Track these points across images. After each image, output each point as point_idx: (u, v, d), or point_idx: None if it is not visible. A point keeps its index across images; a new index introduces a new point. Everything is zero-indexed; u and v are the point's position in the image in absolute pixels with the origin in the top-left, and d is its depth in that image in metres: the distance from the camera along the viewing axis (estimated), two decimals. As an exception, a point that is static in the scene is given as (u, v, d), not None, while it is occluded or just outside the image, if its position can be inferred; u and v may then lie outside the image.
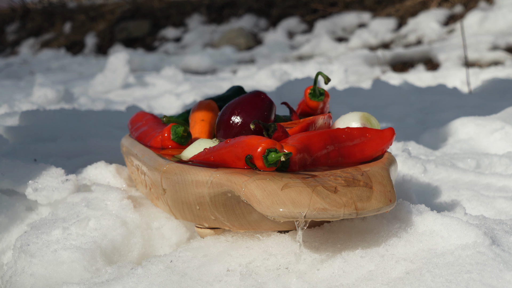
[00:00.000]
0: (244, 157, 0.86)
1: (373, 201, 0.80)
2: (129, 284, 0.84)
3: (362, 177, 0.84)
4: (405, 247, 0.80)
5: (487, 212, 1.17)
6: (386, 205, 0.80)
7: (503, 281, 0.73)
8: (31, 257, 0.94)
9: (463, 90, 2.74)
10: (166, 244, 1.01)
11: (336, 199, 0.79)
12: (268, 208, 0.78)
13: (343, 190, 0.80)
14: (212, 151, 0.91)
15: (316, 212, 0.77)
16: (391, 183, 0.85)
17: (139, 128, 1.18)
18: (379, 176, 0.85)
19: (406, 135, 1.73)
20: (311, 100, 1.11)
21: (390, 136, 0.95)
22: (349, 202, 0.79)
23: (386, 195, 0.82)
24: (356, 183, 0.82)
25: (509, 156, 1.41)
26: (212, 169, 0.87)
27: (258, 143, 0.84)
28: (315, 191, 0.79)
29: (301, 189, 0.79)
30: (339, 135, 0.93)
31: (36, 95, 2.84)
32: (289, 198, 0.78)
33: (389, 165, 0.90)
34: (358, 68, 3.62)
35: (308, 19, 5.48)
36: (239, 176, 0.83)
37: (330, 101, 1.16)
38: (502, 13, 4.20)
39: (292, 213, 0.77)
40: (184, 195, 0.92)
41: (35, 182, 1.12)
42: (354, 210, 0.78)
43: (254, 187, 0.80)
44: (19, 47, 6.74)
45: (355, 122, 1.01)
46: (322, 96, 1.11)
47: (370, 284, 0.76)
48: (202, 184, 0.87)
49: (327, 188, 0.80)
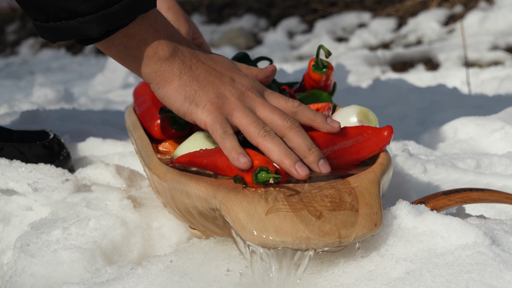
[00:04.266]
0: (236, 170, 0.85)
1: (357, 227, 0.78)
2: (129, 284, 0.84)
3: (349, 198, 0.82)
4: (405, 247, 0.80)
5: (487, 212, 1.17)
6: (370, 230, 0.79)
7: (503, 281, 0.73)
8: (31, 257, 0.94)
9: (463, 90, 2.74)
10: (166, 244, 1.01)
11: (320, 226, 0.77)
12: (251, 235, 0.77)
13: (327, 216, 0.79)
14: (207, 154, 0.91)
15: (299, 241, 0.76)
16: (379, 202, 0.83)
17: (142, 104, 1.16)
18: (367, 194, 0.83)
19: (406, 135, 1.73)
20: (314, 72, 1.11)
21: (388, 135, 0.94)
22: (333, 229, 0.77)
23: (372, 218, 0.80)
24: (342, 206, 0.80)
25: (509, 156, 1.41)
26: (202, 182, 0.85)
27: (252, 159, 0.84)
28: (299, 217, 0.78)
29: (285, 214, 0.78)
30: (335, 138, 0.92)
31: (36, 95, 2.84)
32: (272, 225, 0.77)
33: (382, 173, 0.89)
34: (358, 68, 3.62)
35: (308, 19, 5.48)
36: (226, 193, 0.82)
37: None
38: (502, 13, 4.20)
39: (274, 241, 0.76)
40: (174, 202, 0.92)
41: (35, 182, 1.12)
42: (337, 238, 0.77)
43: (239, 210, 0.79)
44: (19, 47, 6.74)
45: (352, 116, 1.00)
46: (326, 69, 1.10)
47: (370, 284, 0.76)
48: (191, 196, 0.86)
49: (312, 213, 0.79)
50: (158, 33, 0.91)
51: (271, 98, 0.96)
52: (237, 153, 0.85)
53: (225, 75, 0.94)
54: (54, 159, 1.23)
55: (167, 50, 0.92)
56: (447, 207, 0.94)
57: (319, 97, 1.09)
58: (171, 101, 0.93)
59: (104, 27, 0.86)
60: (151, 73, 0.92)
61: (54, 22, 0.86)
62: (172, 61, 0.92)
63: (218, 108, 0.91)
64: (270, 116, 0.91)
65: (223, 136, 0.88)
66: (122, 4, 0.86)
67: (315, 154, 0.88)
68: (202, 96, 0.91)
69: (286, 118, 0.91)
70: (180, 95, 0.92)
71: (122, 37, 0.89)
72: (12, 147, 1.20)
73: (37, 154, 1.21)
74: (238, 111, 0.91)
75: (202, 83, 0.92)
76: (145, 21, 0.90)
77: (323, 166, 0.88)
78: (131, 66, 0.93)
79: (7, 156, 1.19)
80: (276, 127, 0.91)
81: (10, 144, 1.20)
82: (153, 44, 0.91)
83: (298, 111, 0.94)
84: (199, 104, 0.91)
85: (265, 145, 0.88)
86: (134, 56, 0.91)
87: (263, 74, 1.03)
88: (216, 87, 0.92)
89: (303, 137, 0.89)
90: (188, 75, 0.92)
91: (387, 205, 0.91)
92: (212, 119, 0.90)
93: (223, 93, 0.92)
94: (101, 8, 0.85)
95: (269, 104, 0.93)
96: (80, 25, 0.85)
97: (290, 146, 0.90)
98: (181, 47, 0.93)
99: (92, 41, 0.88)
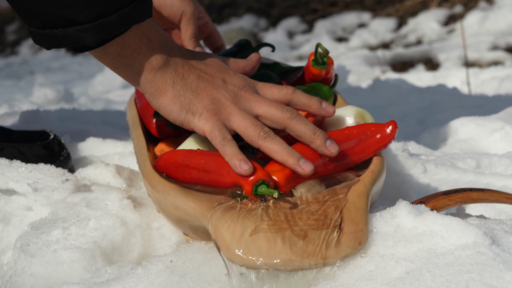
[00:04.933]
0: (235, 176, 0.85)
1: (341, 247, 0.78)
2: (129, 284, 0.84)
3: (335, 214, 0.82)
4: (405, 247, 0.80)
5: (487, 212, 1.17)
6: (354, 249, 0.79)
7: (503, 281, 0.73)
8: (31, 257, 0.94)
9: (463, 90, 2.74)
10: (166, 244, 1.01)
11: (303, 247, 0.77)
12: (235, 256, 0.77)
13: (312, 236, 0.78)
14: (205, 155, 0.90)
15: (282, 264, 0.76)
16: (366, 217, 0.83)
17: (143, 97, 1.16)
18: (354, 210, 0.83)
19: (406, 135, 1.73)
20: (313, 67, 1.11)
21: (392, 131, 0.93)
22: (316, 250, 0.77)
23: (357, 236, 0.80)
24: (326, 224, 0.80)
25: (509, 156, 1.41)
26: (191, 197, 0.85)
27: (255, 168, 0.85)
28: (282, 238, 0.77)
29: (269, 236, 0.78)
30: (338, 139, 0.92)
31: (36, 95, 2.84)
32: (256, 247, 0.77)
33: (372, 183, 0.88)
34: (358, 68, 3.62)
35: (308, 19, 5.48)
36: (213, 212, 0.82)
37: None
38: (502, 13, 4.20)
39: (257, 263, 0.76)
40: (164, 212, 0.92)
41: (35, 182, 1.12)
42: (320, 259, 0.77)
43: (225, 230, 0.79)
44: (19, 47, 6.73)
45: (349, 117, 1.00)
46: (325, 65, 1.10)
47: (370, 284, 0.76)
48: (180, 210, 0.87)
49: (296, 234, 0.78)
50: (151, 42, 0.91)
51: (264, 91, 0.96)
52: (238, 159, 0.85)
53: (216, 77, 0.95)
54: (54, 160, 1.23)
55: (160, 60, 0.92)
56: (447, 207, 0.94)
57: (319, 90, 1.09)
58: (167, 112, 0.93)
59: (100, 36, 0.86)
60: (145, 83, 0.93)
61: (50, 30, 0.86)
62: (165, 71, 0.92)
63: (215, 114, 0.91)
64: (268, 111, 0.92)
65: (223, 143, 0.88)
66: (120, 13, 0.86)
67: (321, 136, 0.89)
68: (197, 105, 0.92)
69: (284, 109, 0.91)
70: (175, 106, 0.92)
71: (116, 46, 0.89)
72: (12, 147, 1.20)
73: (37, 154, 1.21)
74: (235, 115, 0.91)
75: (195, 91, 0.93)
76: (140, 30, 0.90)
77: (331, 147, 0.89)
78: (126, 75, 0.93)
79: (7, 156, 1.19)
80: (277, 121, 0.91)
81: (11, 144, 1.20)
82: (147, 54, 0.91)
83: (293, 98, 0.95)
84: (195, 112, 0.92)
85: (267, 146, 0.88)
86: (128, 65, 0.92)
87: (250, 65, 1.05)
88: (209, 93, 0.93)
89: (304, 123, 0.90)
90: (181, 84, 0.92)
91: (387, 205, 0.91)
92: (210, 126, 0.90)
93: (218, 98, 0.92)
94: (99, 18, 0.85)
95: (264, 99, 0.93)
96: (77, 33, 0.85)
97: (295, 135, 0.91)
98: (174, 55, 0.94)
99: (87, 49, 0.88)
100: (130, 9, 0.87)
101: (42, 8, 0.84)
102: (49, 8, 0.84)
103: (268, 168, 0.89)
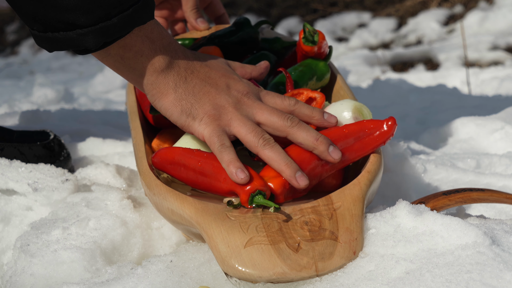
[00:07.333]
0: (231, 184, 0.85)
1: (335, 258, 0.78)
2: (129, 284, 0.84)
3: (329, 224, 0.81)
4: (405, 247, 0.80)
5: (487, 212, 1.17)
6: (349, 260, 0.79)
7: (503, 281, 0.73)
8: (31, 257, 0.94)
9: (463, 90, 2.74)
10: (166, 244, 1.01)
11: (297, 260, 0.77)
12: (229, 267, 0.77)
13: (305, 247, 0.78)
14: (203, 157, 0.90)
15: (276, 277, 0.76)
16: (361, 224, 0.83)
17: None
18: (349, 217, 0.83)
19: (406, 135, 1.73)
20: (304, 44, 1.11)
21: (390, 127, 0.93)
22: (310, 263, 0.77)
23: (351, 246, 0.80)
24: (321, 235, 0.80)
25: (509, 156, 1.41)
26: (186, 204, 0.85)
27: (252, 177, 0.84)
28: (276, 251, 0.77)
29: (263, 248, 0.78)
30: (336, 138, 0.92)
31: (36, 95, 2.84)
32: (250, 259, 0.77)
33: (368, 185, 0.88)
34: (358, 68, 3.62)
35: (308, 19, 5.48)
36: (209, 221, 0.82)
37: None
38: (502, 13, 4.20)
39: (251, 276, 0.76)
40: (161, 213, 0.92)
41: (35, 182, 1.12)
42: (314, 272, 0.77)
43: (219, 240, 0.79)
44: (19, 47, 6.73)
45: (347, 111, 0.99)
46: (316, 42, 1.10)
47: (370, 284, 0.76)
48: (176, 214, 0.87)
49: (290, 246, 0.78)
50: (154, 44, 0.91)
51: (267, 99, 0.96)
52: (235, 167, 0.85)
53: (220, 82, 0.94)
54: (54, 160, 1.23)
55: (163, 62, 0.92)
56: (447, 207, 0.94)
57: (315, 68, 1.09)
58: (168, 114, 0.93)
59: (101, 39, 0.86)
60: (147, 85, 0.92)
61: (52, 33, 0.86)
62: (168, 73, 0.92)
63: (215, 120, 0.91)
64: (269, 119, 0.92)
65: (221, 149, 0.88)
66: (121, 17, 0.86)
67: (324, 142, 0.89)
68: (198, 109, 0.92)
69: (285, 117, 0.91)
70: (176, 109, 0.92)
71: (118, 48, 0.89)
72: (12, 147, 1.20)
73: (37, 154, 1.21)
74: (235, 120, 0.91)
75: (197, 95, 0.92)
76: (142, 32, 0.90)
77: (334, 153, 0.90)
78: (128, 76, 0.93)
79: (8, 156, 1.19)
80: (278, 128, 0.91)
81: (11, 144, 1.20)
82: (149, 56, 0.91)
83: (295, 109, 0.95)
84: (196, 117, 0.92)
85: (265, 153, 0.88)
86: (130, 67, 0.91)
87: (257, 71, 1.04)
88: (212, 98, 0.92)
89: (306, 131, 0.90)
90: (184, 87, 0.92)
91: (387, 205, 0.91)
92: (210, 131, 0.90)
93: (220, 103, 0.92)
94: (100, 21, 0.84)
95: (266, 107, 0.93)
96: (79, 37, 0.85)
97: (297, 142, 0.91)
98: (177, 58, 0.93)
99: (89, 51, 0.88)
100: (132, 12, 0.86)
101: (43, 12, 0.84)
102: (50, 12, 0.84)
103: (263, 172, 0.89)
